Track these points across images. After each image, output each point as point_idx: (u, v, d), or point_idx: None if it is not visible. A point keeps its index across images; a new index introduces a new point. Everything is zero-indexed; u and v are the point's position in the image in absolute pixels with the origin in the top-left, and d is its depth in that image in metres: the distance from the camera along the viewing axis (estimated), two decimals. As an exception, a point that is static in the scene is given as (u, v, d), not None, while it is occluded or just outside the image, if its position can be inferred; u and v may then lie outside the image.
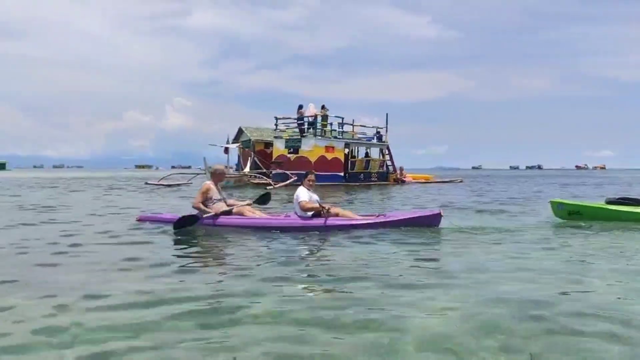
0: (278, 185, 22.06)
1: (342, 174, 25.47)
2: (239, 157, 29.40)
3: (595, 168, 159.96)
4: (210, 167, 20.06)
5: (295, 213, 7.50)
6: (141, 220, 8.04)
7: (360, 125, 28.21)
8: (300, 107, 25.61)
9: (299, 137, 25.37)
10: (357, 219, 7.43)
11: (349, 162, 26.27)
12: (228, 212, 7.41)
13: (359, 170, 26.82)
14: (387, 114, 29.35)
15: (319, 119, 25.51)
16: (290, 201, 8.22)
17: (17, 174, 60.76)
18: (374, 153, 28.80)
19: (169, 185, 23.59)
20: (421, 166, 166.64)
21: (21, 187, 23.25)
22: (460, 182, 31.18)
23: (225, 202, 7.56)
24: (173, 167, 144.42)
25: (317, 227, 7.10)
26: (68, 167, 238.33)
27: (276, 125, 27.02)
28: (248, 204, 7.74)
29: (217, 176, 7.68)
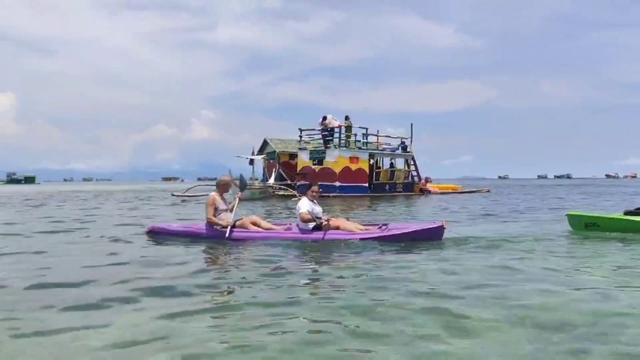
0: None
1: (366, 184, 25.38)
2: (264, 168, 29.58)
3: (626, 177, 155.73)
4: (233, 178, 20.28)
5: (297, 225, 7.48)
6: (152, 231, 8.04)
7: (385, 136, 28.14)
8: (324, 118, 25.68)
9: (323, 148, 25.41)
10: (356, 233, 7.19)
11: (374, 172, 26.19)
12: (232, 225, 7.55)
13: (384, 181, 26.69)
14: (411, 124, 29.24)
15: (343, 129, 25.55)
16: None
17: (45, 187, 62.10)
18: (399, 163, 28.65)
19: (195, 197, 23.84)
20: (447, 176, 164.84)
21: (52, 199, 23.79)
22: (487, 192, 30.77)
23: (230, 210, 7.77)
24: (199, 179, 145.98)
25: (315, 240, 7.02)
26: (97, 180, 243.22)
27: (300, 136, 27.11)
28: (238, 197, 7.99)
29: (221, 187, 7.92)
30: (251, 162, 28.08)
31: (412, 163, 29.03)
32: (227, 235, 7.29)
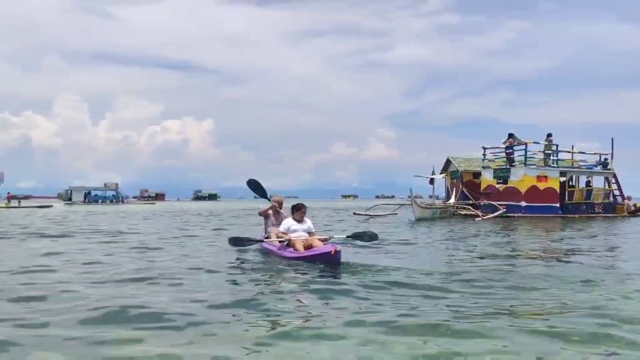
0: (487, 217, 21.41)
1: (557, 205, 23.52)
2: (447, 187, 29.33)
3: None
4: (412, 196, 20.59)
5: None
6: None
7: (579, 152, 25.75)
8: (510, 135, 24.60)
9: (508, 166, 24.33)
10: (293, 252, 7.64)
11: (566, 192, 24.14)
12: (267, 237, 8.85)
13: (579, 201, 24.41)
14: (612, 139, 26.27)
15: (531, 147, 24.14)
16: (498, 233, 8.06)
17: (222, 204, 66.90)
18: (597, 182, 25.91)
19: (376, 216, 24.69)
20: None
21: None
22: None
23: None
24: (377, 196, 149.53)
25: (275, 255, 8.07)
26: (285, 197, 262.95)
27: (484, 155, 26.36)
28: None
29: (273, 205, 9.49)
30: (431, 181, 28.10)
31: (613, 181, 26.02)
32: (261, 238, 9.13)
